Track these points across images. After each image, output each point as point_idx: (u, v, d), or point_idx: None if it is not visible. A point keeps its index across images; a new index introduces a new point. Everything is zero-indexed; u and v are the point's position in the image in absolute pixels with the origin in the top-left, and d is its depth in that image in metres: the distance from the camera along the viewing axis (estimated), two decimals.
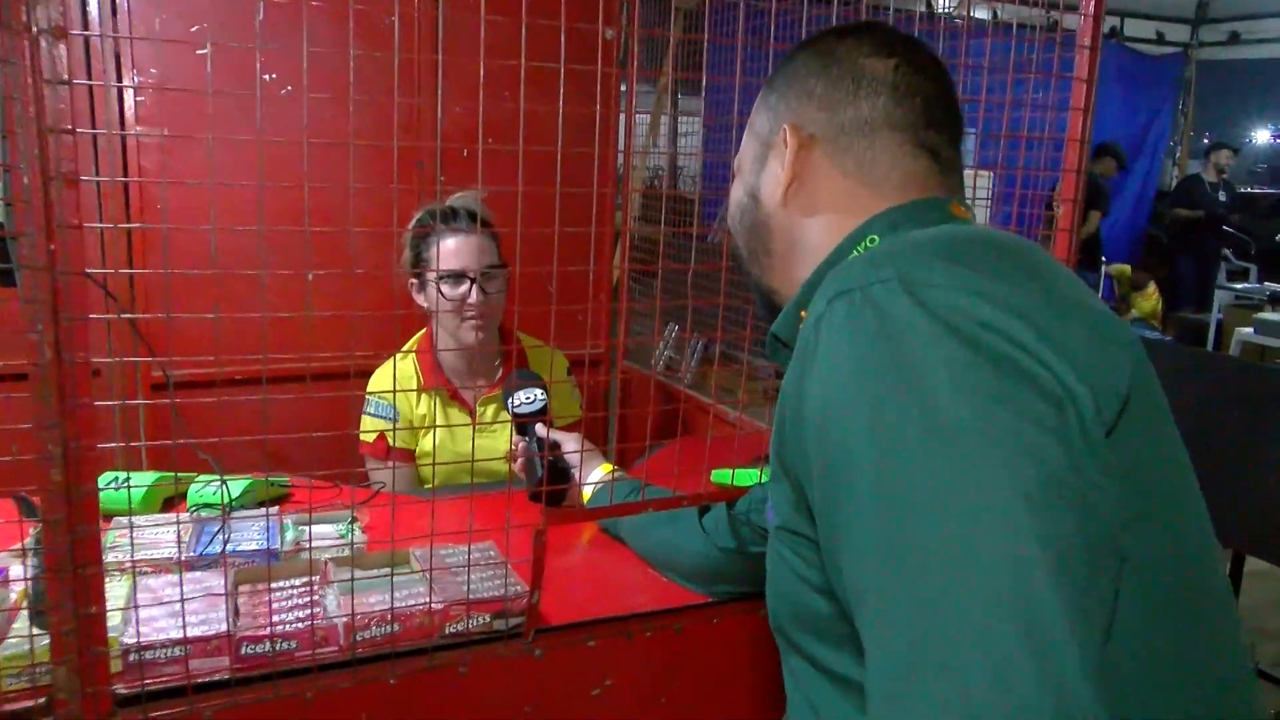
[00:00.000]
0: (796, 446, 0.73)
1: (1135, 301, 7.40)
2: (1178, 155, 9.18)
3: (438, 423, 2.01)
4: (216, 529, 1.34)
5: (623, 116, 2.75)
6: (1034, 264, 0.76)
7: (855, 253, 0.86)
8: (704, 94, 2.94)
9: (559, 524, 1.17)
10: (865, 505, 0.63)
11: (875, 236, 0.86)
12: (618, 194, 2.81)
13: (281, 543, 1.33)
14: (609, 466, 1.52)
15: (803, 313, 0.88)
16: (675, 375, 3.53)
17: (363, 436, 1.99)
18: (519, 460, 1.60)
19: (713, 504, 1.31)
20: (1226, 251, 8.12)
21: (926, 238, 0.79)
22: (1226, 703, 0.68)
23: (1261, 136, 10.97)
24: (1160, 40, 8.49)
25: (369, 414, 2.00)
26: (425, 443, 2.00)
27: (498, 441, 2.00)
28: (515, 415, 1.59)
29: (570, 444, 1.56)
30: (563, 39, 1.03)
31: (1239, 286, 7.09)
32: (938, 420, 0.62)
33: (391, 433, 1.94)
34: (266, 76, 2.35)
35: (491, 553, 1.29)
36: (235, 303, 2.27)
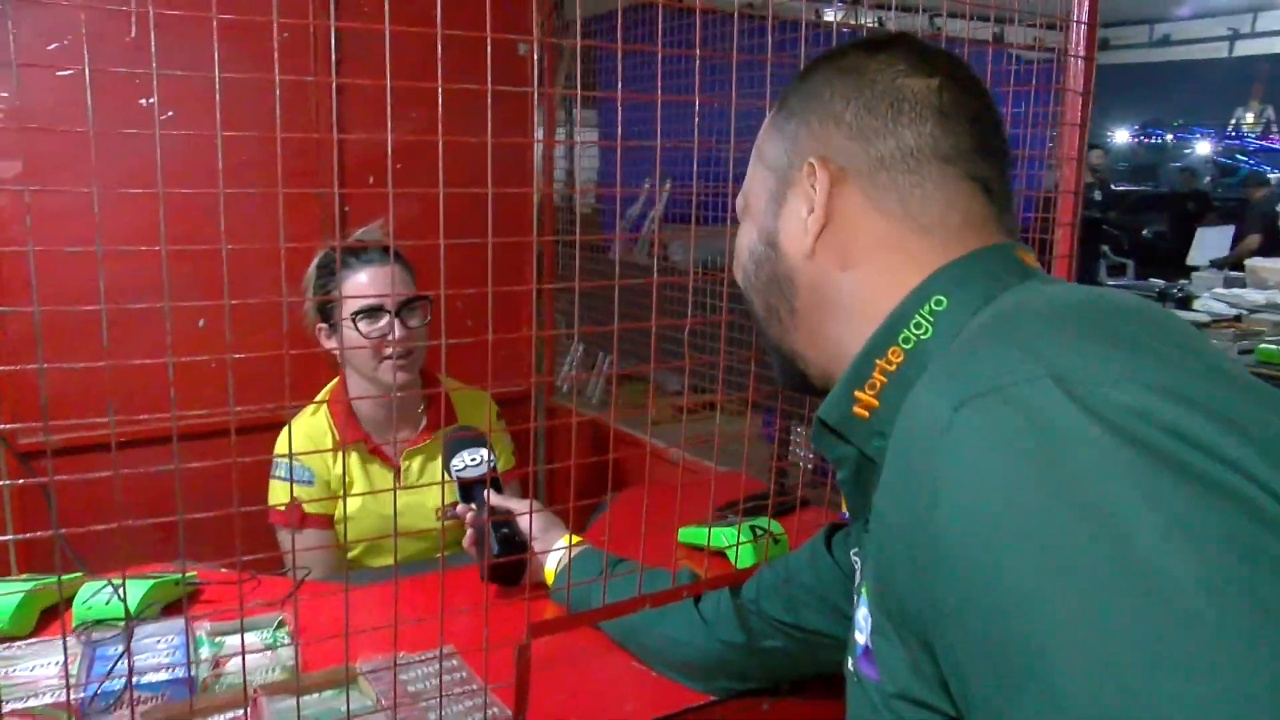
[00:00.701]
0: (922, 598, 0.56)
1: None
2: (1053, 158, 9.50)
3: (358, 483, 1.80)
4: (113, 654, 1.11)
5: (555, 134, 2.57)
6: (1177, 331, 0.61)
7: (919, 318, 0.70)
8: (624, 109, 2.78)
9: (544, 634, 0.99)
10: (1058, 693, 0.46)
11: (942, 298, 0.70)
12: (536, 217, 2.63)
13: (197, 665, 1.11)
14: (570, 536, 1.34)
15: (858, 393, 0.72)
16: (583, 398, 3.36)
17: (272, 502, 1.76)
18: (467, 533, 1.41)
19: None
20: (1105, 248, 8.42)
21: (1043, 307, 0.63)
22: None
23: (1121, 137, 11.46)
24: (1038, 46, 8.75)
25: (278, 479, 1.77)
26: (345, 506, 1.78)
27: (427, 499, 1.80)
28: (459, 480, 1.41)
29: (523, 509, 1.36)
30: (489, 50, 0.85)
31: (1121, 282, 7.34)
32: (1144, 575, 0.45)
33: (314, 500, 1.72)
34: (143, 101, 2.09)
35: (454, 661, 1.10)
36: (111, 350, 2.00)
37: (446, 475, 1.46)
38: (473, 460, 1.41)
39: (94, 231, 0.70)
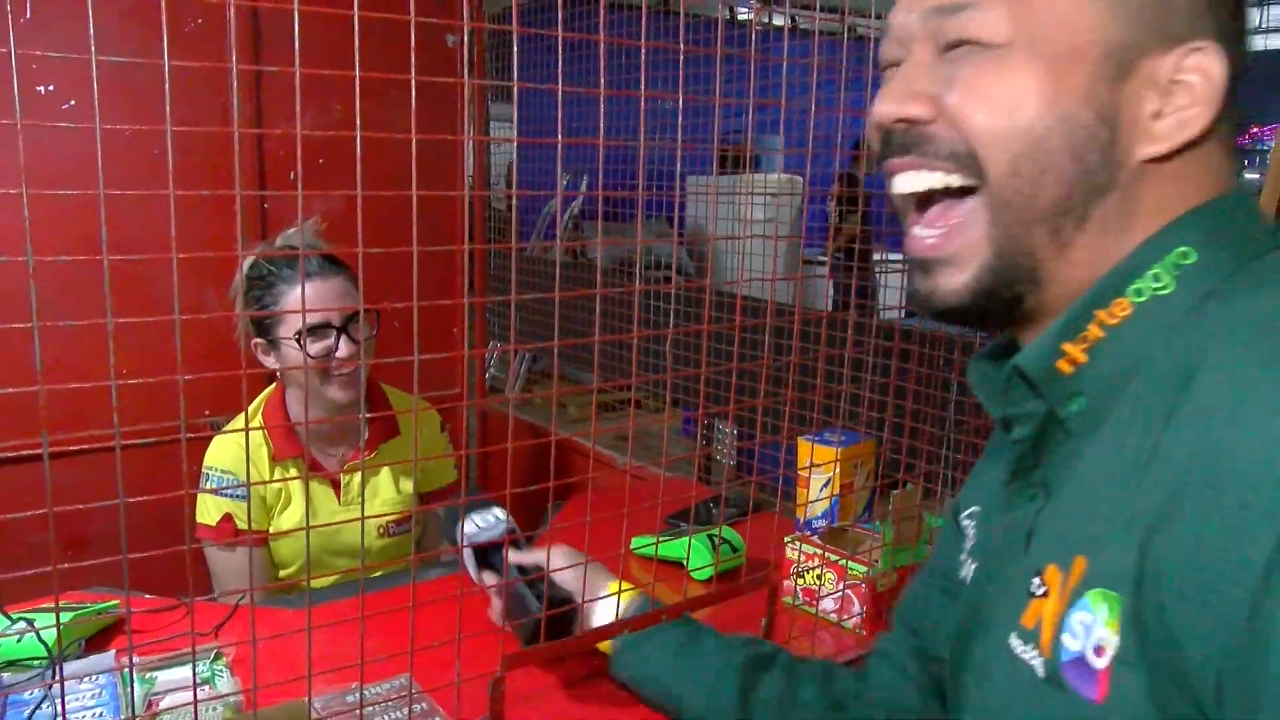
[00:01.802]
0: (1214, 626, 0.47)
1: None
2: None
3: (296, 499, 1.69)
4: (30, 699, 1.01)
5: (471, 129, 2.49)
6: None
7: (1159, 270, 0.59)
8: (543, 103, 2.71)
9: (519, 667, 0.93)
10: None
11: (1190, 250, 0.59)
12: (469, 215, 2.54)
13: (132, 709, 1.01)
14: (619, 583, 1.10)
15: (1066, 345, 0.61)
16: (501, 396, 3.29)
17: (200, 518, 1.65)
18: (493, 604, 1.17)
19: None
20: None
21: None
22: None
23: None
24: None
25: (208, 493, 1.66)
26: (280, 522, 1.68)
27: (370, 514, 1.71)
28: (472, 546, 1.20)
29: (558, 558, 1.12)
30: (413, 35, 0.78)
31: None
32: None
33: (244, 516, 1.61)
34: (42, 88, 1.95)
35: (424, 705, 1.03)
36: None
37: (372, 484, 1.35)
38: (485, 524, 1.20)
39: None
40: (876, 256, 7.34)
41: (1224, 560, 0.46)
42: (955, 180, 0.62)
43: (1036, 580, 0.59)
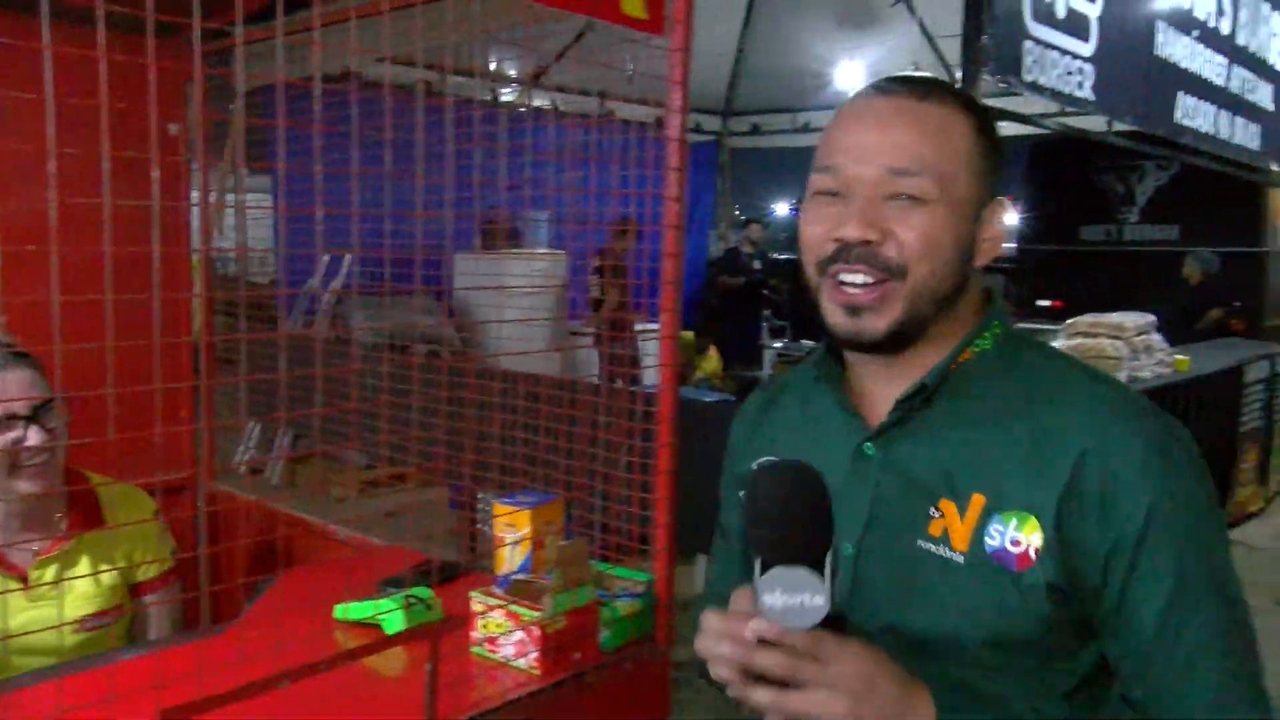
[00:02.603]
0: (1097, 511, 0.89)
1: (699, 364, 8.18)
2: (720, 229, 10.37)
3: None
4: None
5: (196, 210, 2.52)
6: None
7: (985, 334, 1.00)
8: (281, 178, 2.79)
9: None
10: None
11: (1000, 325, 1.01)
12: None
13: None
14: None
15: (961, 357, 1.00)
16: (262, 478, 3.25)
17: None
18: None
19: None
20: (767, 312, 9.26)
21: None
22: None
23: (781, 210, 12.64)
24: (699, 130, 9.55)
25: None
26: None
27: (65, 612, 1.68)
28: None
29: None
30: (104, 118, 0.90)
31: (779, 344, 8.09)
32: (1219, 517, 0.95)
33: None
34: None
35: None
36: None
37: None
38: (794, 598, 0.83)
39: None
40: (639, 326, 7.71)
41: (1134, 502, 0.88)
42: (886, 278, 0.95)
43: (933, 509, 0.95)
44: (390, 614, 1.49)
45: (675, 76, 1.55)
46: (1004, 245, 1.02)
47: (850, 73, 8.09)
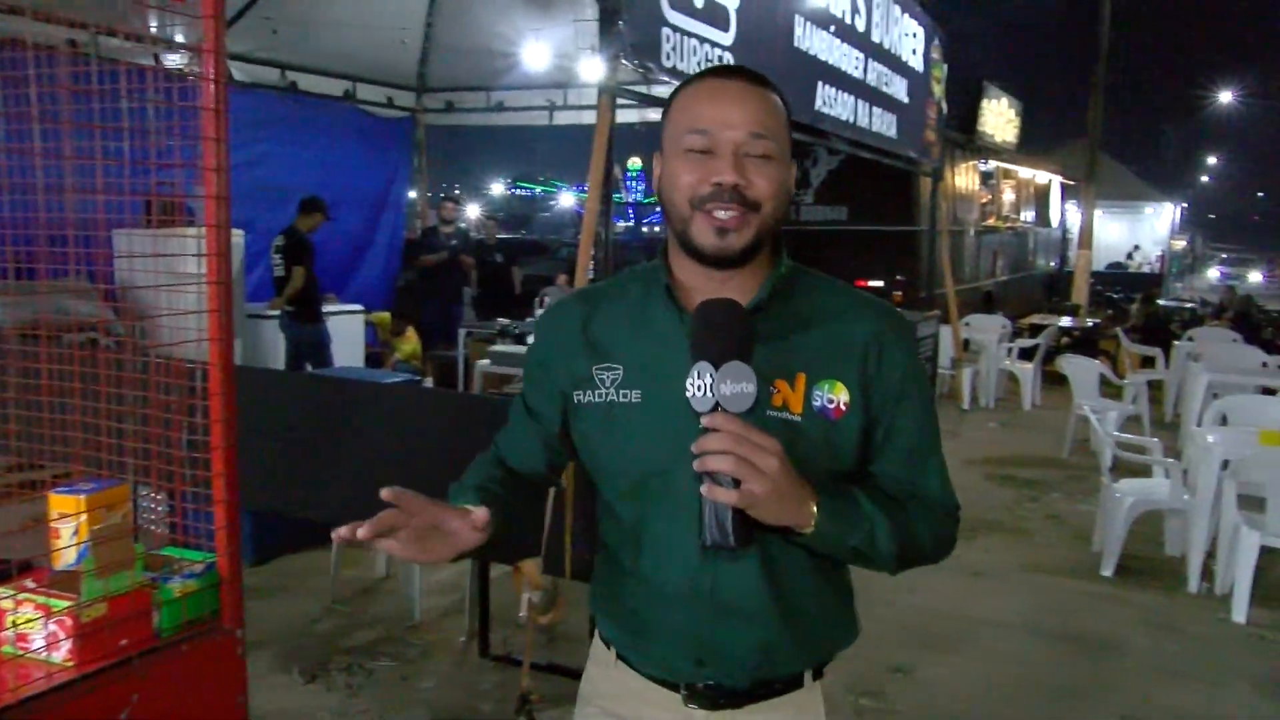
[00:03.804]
0: (877, 377, 1.32)
1: (397, 345, 8.01)
2: (419, 208, 10.19)
3: None
4: None
5: None
6: None
7: (783, 265, 1.36)
8: None
9: None
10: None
11: (787, 258, 1.37)
12: None
13: None
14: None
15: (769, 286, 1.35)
16: None
17: None
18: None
19: None
20: (472, 292, 9.23)
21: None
22: None
23: (496, 189, 12.65)
24: (391, 105, 9.32)
25: None
26: None
27: None
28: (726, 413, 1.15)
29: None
30: None
31: (473, 327, 8.05)
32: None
33: None
34: None
35: None
36: None
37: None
38: (738, 390, 1.14)
39: None
40: (327, 308, 7.42)
41: (895, 369, 1.32)
42: (746, 211, 1.27)
43: (772, 388, 1.27)
44: None
45: (206, 10, 1.45)
46: None
47: (537, 54, 8.19)
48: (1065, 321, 11.62)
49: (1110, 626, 4.22)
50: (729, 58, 4.18)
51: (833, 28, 5.49)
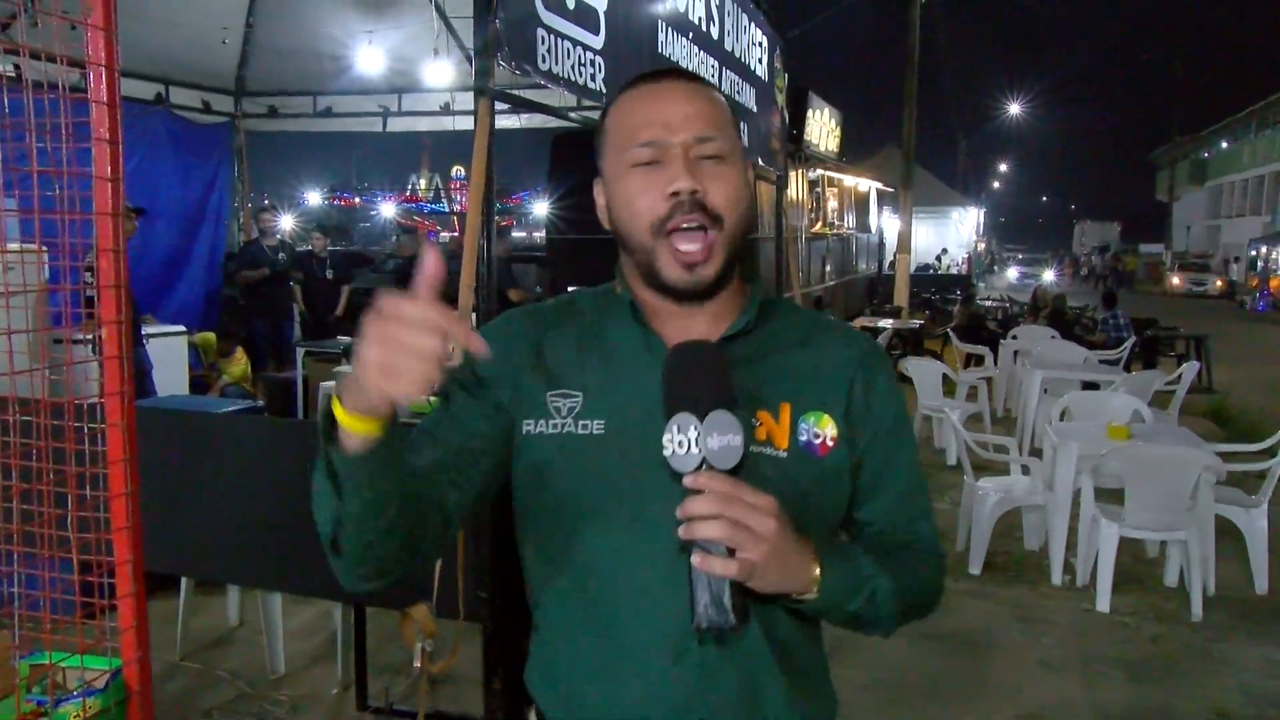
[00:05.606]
0: (865, 410, 1.21)
1: (225, 368, 7.40)
2: (241, 220, 9.51)
3: None
4: None
5: None
6: None
7: (755, 294, 1.25)
8: None
9: None
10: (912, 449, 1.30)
11: (759, 286, 1.27)
12: None
13: None
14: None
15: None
16: None
17: None
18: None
19: None
20: (302, 309, 8.68)
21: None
22: None
23: (313, 198, 12.05)
24: (208, 109, 8.67)
25: None
26: None
27: None
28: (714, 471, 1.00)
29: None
30: None
31: (312, 346, 7.56)
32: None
33: None
34: None
35: None
36: None
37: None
38: (724, 443, 0.99)
39: None
40: (147, 330, 6.79)
41: (886, 403, 1.23)
42: (709, 225, 1.14)
43: (754, 420, 1.15)
44: None
45: (96, 19, 1.21)
46: (536, 235, 1.02)
47: (371, 58, 7.80)
48: (887, 323, 12.12)
49: (985, 623, 4.32)
50: (600, 62, 4.03)
51: (691, 34, 5.44)
